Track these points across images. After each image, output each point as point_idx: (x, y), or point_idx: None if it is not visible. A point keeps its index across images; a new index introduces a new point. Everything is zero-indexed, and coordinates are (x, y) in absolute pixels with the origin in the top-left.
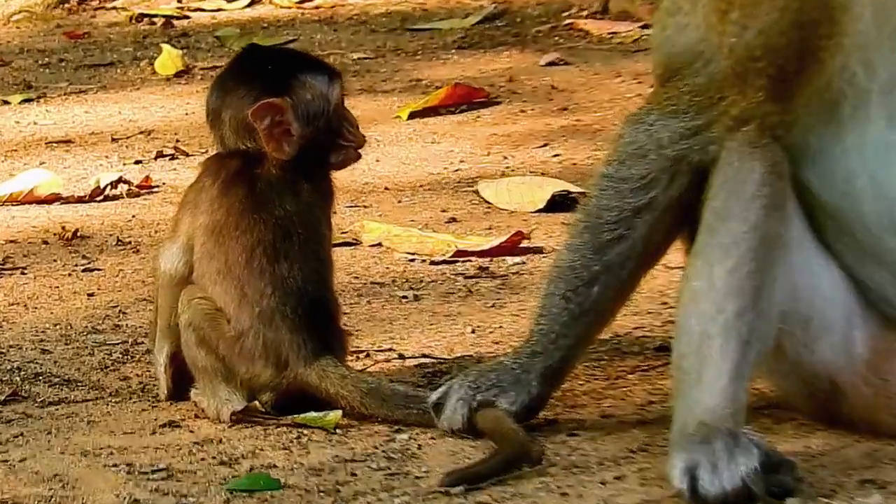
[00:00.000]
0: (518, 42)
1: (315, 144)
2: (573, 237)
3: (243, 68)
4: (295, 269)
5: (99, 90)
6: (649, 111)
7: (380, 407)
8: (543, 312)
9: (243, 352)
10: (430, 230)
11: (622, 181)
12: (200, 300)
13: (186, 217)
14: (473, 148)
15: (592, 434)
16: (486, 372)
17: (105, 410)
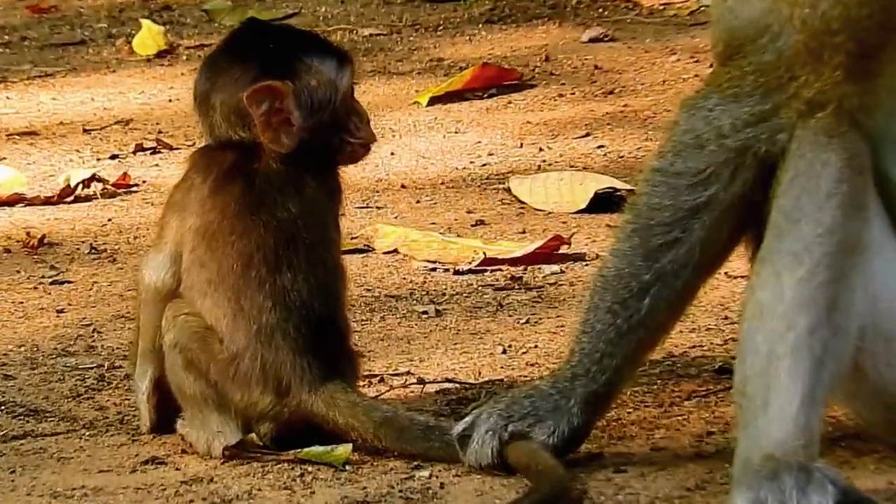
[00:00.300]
0: (556, 15)
1: (317, 138)
2: (620, 241)
3: (240, 46)
4: (299, 281)
5: (68, 73)
6: (708, 95)
7: (396, 439)
8: (586, 329)
9: (238, 376)
10: (453, 234)
11: (677, 176)
12: (188, 317)
13: (173, 220)
14: (504, 138)
15: (642, 470)
16: (519, 399)
17: (78, 445)
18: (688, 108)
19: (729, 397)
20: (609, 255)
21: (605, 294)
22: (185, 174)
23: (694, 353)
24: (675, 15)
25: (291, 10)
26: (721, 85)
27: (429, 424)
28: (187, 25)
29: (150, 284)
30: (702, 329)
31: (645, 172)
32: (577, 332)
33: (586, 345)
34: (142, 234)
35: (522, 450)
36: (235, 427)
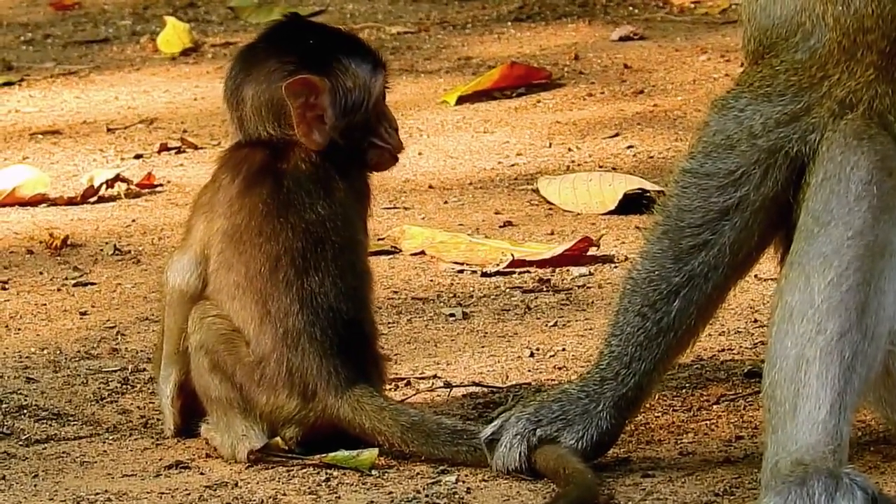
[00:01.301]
0: (585, 13)
1: (347, 140)
2: (650, 243)
3: (278, 40)
4: (327, 284)
5: (92, 71)
6: (739, 94)
7: (423, 444)
8: (615, 332)
9: (264, 379)
10: (481, 236)
11: (707, 177)
12: (215, 319)
13: (200, 222)
14: (532, 138)
15: (670, 474)
16: (547, 403)
17: (101, 449)
18: (718, 109)
19: (758, 401)
20: (639, 257)
21: (634, 297)
22: (214, 174)
23: (723, 357)
24: (705, 13)
25: (318, 7)
26: (752, 84)
27: (456, 428)
28: (213, 23)
29: (175, 287)
30: (731, 332)
31: (675, 173)
32: (607, 335)
33: (615, 348)
34: (166, 235)
35: (550, 454)
36: (260, 431)
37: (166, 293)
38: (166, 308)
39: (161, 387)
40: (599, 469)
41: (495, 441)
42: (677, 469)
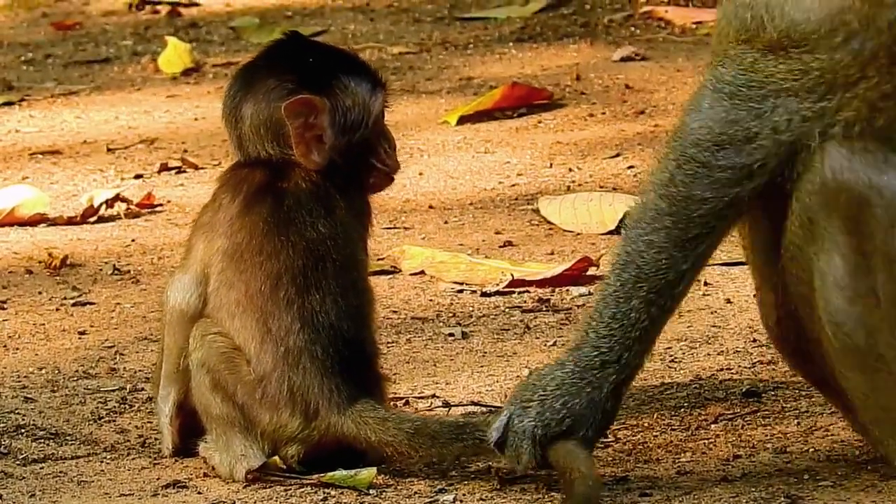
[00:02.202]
0: (587, 34)
1: (346, 159)
2: (652, 231)
3: (278, 58)
4: (328, 302)
5: (92, 91)
6: (761, 86)
7: (430, 446)
8: (618, 316)
9: (266, 398)
10: (481, 256)
11: (721, 170)
12: (216, 336)
13: (200, 242)
14: (533, 159)
15: (668, 494)
16: (549, 402)
17: (98, 469)
18: (729, 97)
19: (756, 420)
20: (637, 242)
21: (640, 284)
22: (214, 194)
23: (721, 376)
24: (707, 34)
25: (320, 27)
26: (773, 77)
27: (458, 424)
28: (214, 43)
29: (176, 306)
30: (730, 352)
31: (677, 157)
32: (605, 319)
33: (617, 332)
34: (166, 255)
35: (560, 452)
36: (259, 450)
37: (166, 312)
38: (166, 327)
39: (160, 406)
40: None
41: (503, 443)
42: (675, 488)
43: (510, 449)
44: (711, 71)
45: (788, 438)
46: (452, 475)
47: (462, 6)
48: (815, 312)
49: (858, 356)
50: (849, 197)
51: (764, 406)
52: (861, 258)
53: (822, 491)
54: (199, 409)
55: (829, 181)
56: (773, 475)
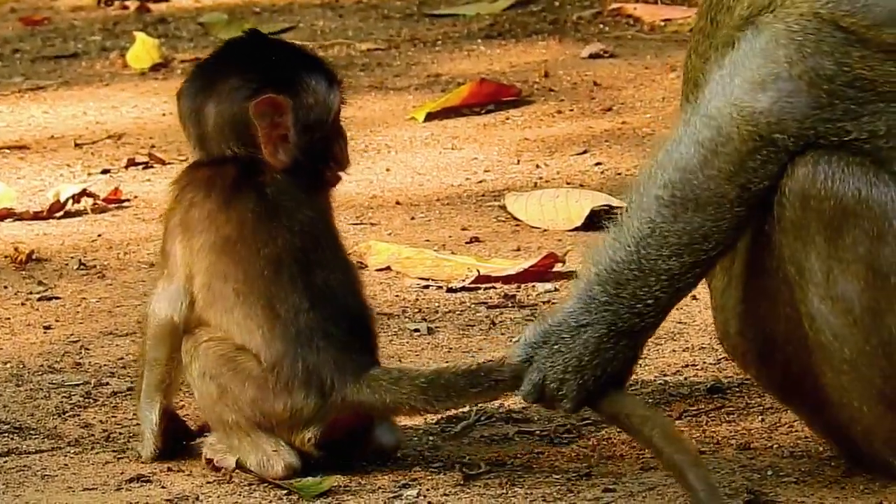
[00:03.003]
0: (556, 30)
1: (307, 157)
2: (716, 208)
3: (238, 57)
4: (332, 280)
5: (60, 86)
6: (866, 90)
7: (446, 397)
8: (674, 282)
9: (279, 384)
10: (447, 252)
11: (786, 153)
12: (209, 343)
13: (177, 246)
14: (500, 155)
15: (632, 489)
16: (587, 365)
17: (63, 463)
18: (828, 95)
19: (720, 416)
20: (693, 216)
21: (694, 246)
22: (179, 195)
23: (686, 373)
24: (675, 31)
25: (288, 23)
26: (888, 78)
27: (471, 370)
28: (183, 39)
29: (166, 318)
30: (694, 348)
31: (752, 140)
32: (658, 284)
33: (664, 298)
34: (132, 251)
35: (613, 404)
36: (286, 443)
37: (151, 325)
38: (151, 340)
39: (144, 413)
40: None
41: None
42: (639, 484)
43: (548, 403)
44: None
45: (752, 434)
46: (416, 470)
47: (431, 3)
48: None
49: (826, 354)
50: (835, 205)
51: (728, 402)
52: (837, 264)
53: (785, 487)
54: (211, 418)
55: (819, 186)
56: (737, 471)
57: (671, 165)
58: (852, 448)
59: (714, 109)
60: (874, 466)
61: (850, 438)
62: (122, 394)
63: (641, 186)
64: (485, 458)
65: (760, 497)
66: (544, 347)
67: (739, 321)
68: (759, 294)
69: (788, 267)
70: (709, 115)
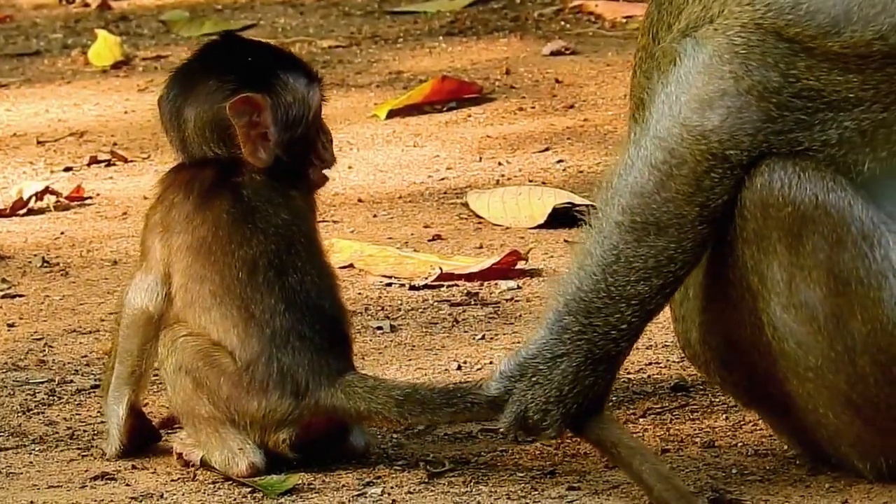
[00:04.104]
0: (517, 28)
1: (289, 155)
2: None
3: (215, 59)
4: (307, 282)
5: (22, 84)
6: (815, 100)
7: (420, 412)
8: (646, 304)
9: (254, 384)
10: (410, 249)
11: (742, 167)
12: (187, 337)
13: (156, 242)
14: (462, 153)
15: (596, 487)
16: (568, 394)
17: (27, 460)
18: (777, 108)
19: (684, 415)
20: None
21: (663, 271)
22: (161, 195)
23: (650, 371)
24: (637, 28)
25: (250, 21)
26: (836, 86)
27: (449, 390)
28: (144, 36)
29: (141, 308)
30: (658, 346)
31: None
32: (631, 310)
33: (638, 322)
34: (95, 248)
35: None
36: (254, 443)
37: (126, 315)
38: (124, 330)
39: (111, 407)
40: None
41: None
42: (603, 482)
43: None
44: (749, 74)
45: (717, 433)
46: (380, 468)
47: (392, 0)
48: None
49: (790, 362)
50: (793, 211)
51: (692, 400)
52: (798, 271)
53: (749, 485)
54: (183, 412)
55: (776, 194)
56: (702, 469)
57: (627, 190)
58: (818, 451)
59: (664, 130)
60: (840, 466)
61: (815, 442)
62: (86, 391)
63: (600, 212)
64: (449, 456)
65: (725, 496)
66: (522, 381)
67: (701, 331)
68: (720, 304)
69: (751, 277)
70: (659, 136)
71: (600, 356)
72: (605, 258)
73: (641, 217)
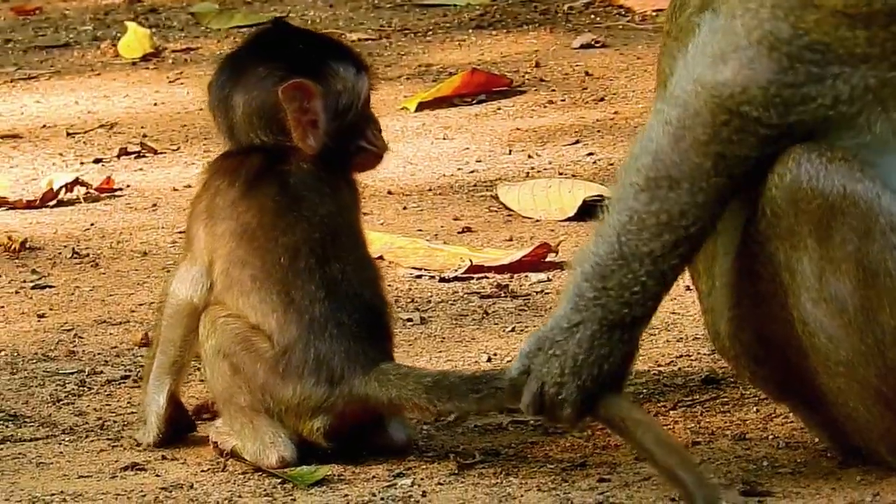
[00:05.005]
0: (547, 21)
1: (337, 143)
2: (699, 191)
3: (265, 46)
4: (348, 272)
5: (52, 76)
6: (825, 53)
7: (448, 399)
8: (654, 275)
9: (289, 370)
10: (440, 241)
11: (769, 128)
12: (227, 319)
13: (201, 230)
14: (493, 145)
15: (626, 479)
16: (583, 364)
17: (57, 451)
18: (788, 58)
19: (715, 407)
20: (674, 203)
21: (678, 243)
22: (206, 182)
23: (680, 363)
24: None
25: (279, 13)
26: (844, 43)
27: (475, 377)
28: (174, 28)
29: (185, 299)
30: (689, 339)
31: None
32: (639, 278)
33: (652, 288)
34: (125, 239)
35: (609, 408)
36: (287, 436)
37: (170, 305)
38: (168, 320)
39: (151, 396)
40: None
41: (539, 406)
42: (633, 474)
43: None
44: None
45: (747, 425)
46: (411, 459)
47: None
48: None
49: (821, 356)
50: (821, 203)
51: (723, 393)
52: (828, 264)
53: (780, 478)
54: (221, 397)
55: (804, 184)
56: (732, 462)
57: (642, 151)
58: (849, 444)
59: (679, 90)
60: (871, 459)
61: (846, 435)
62: (116, 382)
63: (619, 180)
64: (479, 448)
65: (756, 488)
66: (539, 354)
67: (731, 326)
68: (752, 301)
69: (783, 273)
70: (674, 95)
71: (615, 322)
72: (620, 220)
73: (655, 173)
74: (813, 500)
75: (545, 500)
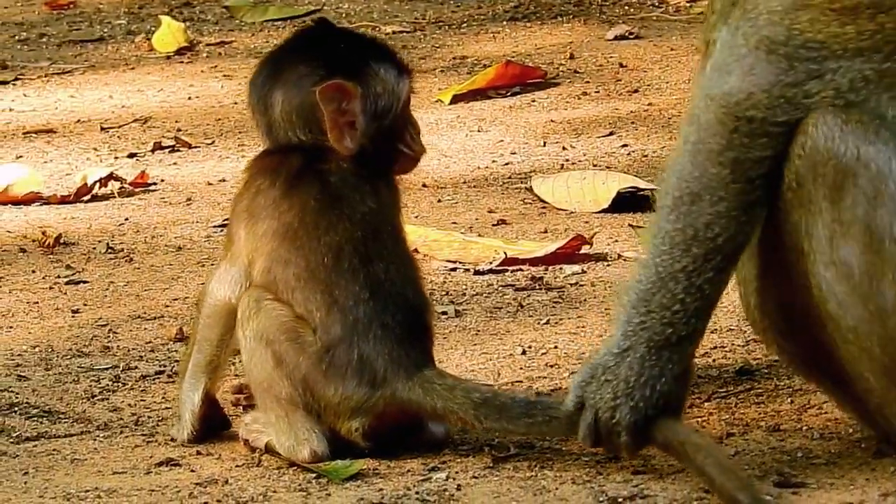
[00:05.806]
0: (581, 12)
1: (375, 145)
2: (718, 200)
3: (306, 45)
4: (392, 271)
5: (86, 70)
6: (820, 50)
7: (497, 419)
8: (692, 291)
9: (332, 368)
10: (474, 234)
11: (778, 126)
12: (274, 303)
13: (241, 230)
14: (527, 137)
15: (660, 472)
16: (636, 387)
17: (91, 447)
18: (787, 59)
19: (749, 399)
20: (700, 215)
21: (709, 256)
22: (247, 181)
23: (715, 355)
24: (701, 12)
25: (314, 6)
26: (838, 38)
27: (530, 401)
28: (208, 22)
29: (224, 299)
30: (723, 330)
31: (730, 122)
32: (677, 295)
33: (691, 305)
34: (159, 234)
35: (665, 432)
36: (322, 432)
37: (208, 304)
38: (205, 319)
39: (186, 394)
40: (590, 467)
41: (595, 437)
42: (668, 466)
43: (606, 441)
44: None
45: (782, 416)
46: (445, 453)
47: None
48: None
49: (833, 324)
50: (836, 164)
51: (757, 384)
52: (839, 227)
53: (815, 469)
54: (257, 387)
55: (821, 148)
56: (766, 453)
57: (670, 174)
58: (874, 422)
59: (694, 108)
60: None
61: (869, 412)
62: (150, 377)
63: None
64: (514, 441)
65: (790, 479)
66: (592, 382)
67: (758, 296)
68: (775, 270)
69: (802, 239)
70: (692, 114)
71: (661, 342)
72: (654, 243)
73: (679, 192)
74: (847, 490)
75: (579, 492)
